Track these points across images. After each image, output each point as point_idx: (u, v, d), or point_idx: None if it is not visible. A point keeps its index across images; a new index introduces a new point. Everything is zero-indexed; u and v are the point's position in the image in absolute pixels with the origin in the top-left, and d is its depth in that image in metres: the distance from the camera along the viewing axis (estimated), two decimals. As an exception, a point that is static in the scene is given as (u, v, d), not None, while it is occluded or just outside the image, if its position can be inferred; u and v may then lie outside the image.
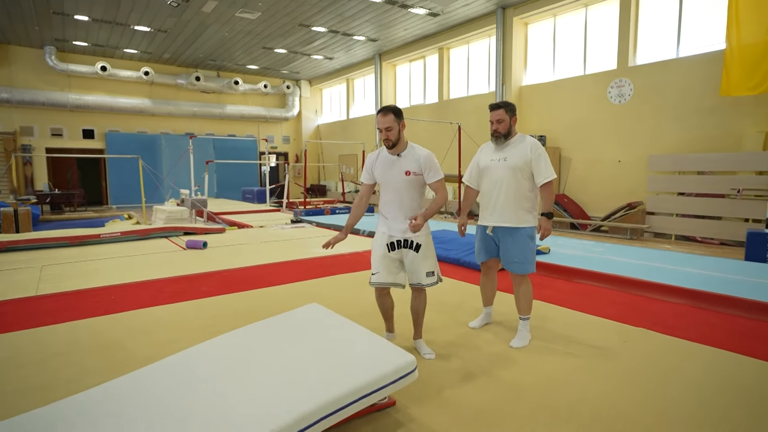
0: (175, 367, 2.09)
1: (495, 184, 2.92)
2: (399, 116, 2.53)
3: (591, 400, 2.21)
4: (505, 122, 2.93)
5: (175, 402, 1.80)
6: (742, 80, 6.57)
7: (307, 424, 1.63)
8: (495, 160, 2.95)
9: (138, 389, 1.93)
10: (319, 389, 1.77)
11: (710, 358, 2.71)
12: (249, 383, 1.87)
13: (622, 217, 8.21)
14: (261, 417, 1.62)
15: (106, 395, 1.90)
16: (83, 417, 1.75)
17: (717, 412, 2.09)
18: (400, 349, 2.08)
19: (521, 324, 2.99)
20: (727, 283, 4.06)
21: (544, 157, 2.84)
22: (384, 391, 1.87)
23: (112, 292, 4.20)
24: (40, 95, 13.36)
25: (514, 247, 2.88)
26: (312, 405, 1.67)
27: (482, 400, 2.21)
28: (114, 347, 2.92)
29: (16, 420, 1.78)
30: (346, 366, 1.92)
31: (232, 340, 2.31)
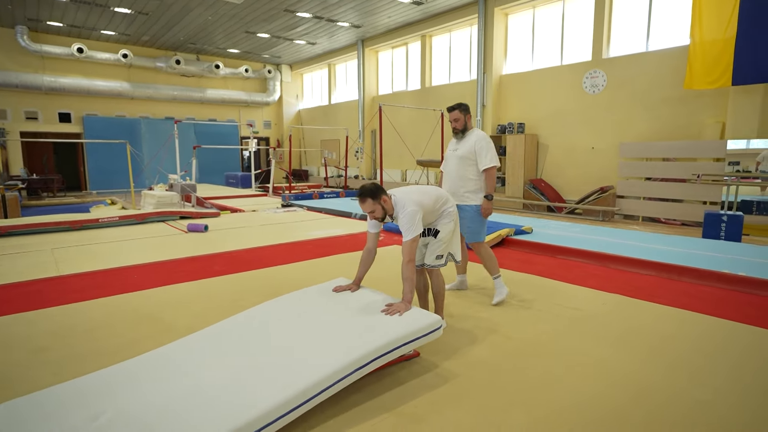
0: (233, 330, 2.43)
1: (449, 171, 3.55)
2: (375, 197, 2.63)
3: (577, 351, 2.69)
4: (461, 120, 3.48)
5: (248, 353, 2.15)
6: (703, 75, 7.19)
7: (359, 365, 2.03)
8: (451, 150, 3.56)
9: (208, 346, 2.27)
10: (365, 341, 2.16)
11: (681, 318, 3.23)
12: (306, 339, 2.24)
13: (595, 201, 8.84)
14: (323, 362, 2.00)
15: (172, 353, 2.23)
16: (151, 374, 2.07)
17: (692, 361, 2.60)
18: (426, 311, 2.49)
19: (495, 283, 3.53)
20: (689, 257, 4.64)
21: (486, 148, 3.39)
22: (416, 342, 2.27)
23: (132, 271, 4.44)
24: (12, 77, 12.94)
25: (464, 220, 3.46)
26: (364, 350, 2.06)
27: (489, 354, 2.64)
28: (152, 319, 3.21)
29: (88, 377, 2.07)
30: (385, 324, 2.31)
31: (276, 307, 2.66)
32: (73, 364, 2.52)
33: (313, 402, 1.86)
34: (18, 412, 1.80)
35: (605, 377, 2.35)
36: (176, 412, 1.75)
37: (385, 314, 2.41)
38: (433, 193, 2.85)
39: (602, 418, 1.99)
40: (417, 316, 2.39)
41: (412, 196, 2.69)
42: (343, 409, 2.05)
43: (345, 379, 1.97)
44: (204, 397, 1.82)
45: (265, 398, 1.77)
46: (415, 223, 2.58)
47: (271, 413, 1.72)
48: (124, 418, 1.74)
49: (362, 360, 2.03)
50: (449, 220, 2.87)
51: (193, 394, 1.85)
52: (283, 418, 1.76)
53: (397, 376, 2.36)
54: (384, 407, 2.07)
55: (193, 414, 1.72)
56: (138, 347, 2.71)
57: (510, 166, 10.49)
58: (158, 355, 2.22)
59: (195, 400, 1.81)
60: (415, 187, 2.86)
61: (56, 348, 2.73)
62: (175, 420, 1.70)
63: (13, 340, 2.83)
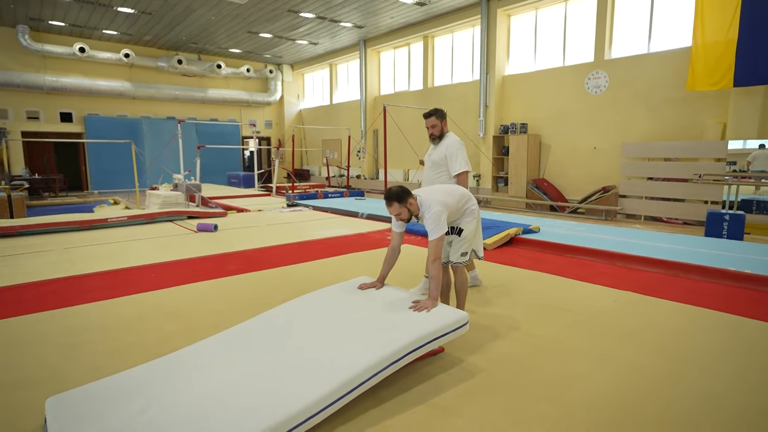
0: (265, 327, 2.50)
1: (425, 175, 3.67)
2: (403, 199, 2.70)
3: (594, 347, 2.77)
4: (438, 126, 3.49)
5: (283, 349, 2.23)
6: (706, 76, 7.30)
7: (393, 360, 2.11)
8: (428, 155, 3.63)
9: (242, 342, 2.34)
10: (396, 336, 2.23)
11: (689, 313, 3.33)
12: (339, 335, 2.32)
13: (598, 200, 8.95)
14: (358, 357, 2.08)
15: (208, 350, 2.31)
16: (191, 369, 2.14)
17: (701, 355, 2.69)
18: (452, 307, 2.57)
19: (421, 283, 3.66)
20: (693, 255, 4.75)
21: (457, 153, 3.40)
22: (445, 338, 2.35)
23: (149, 270, 4.50)
24: (14, 76, 12.93)
25: None
26: (397, 345, 2.14)
27: (512, 350, 2.72)
28: (177, 317, 3.28)
29: (132, 371, 2.14)
30: (414, 320, 2.39)
31: (304, 304, 2.73)
32: (111, 359, 2.59)
33: (352, 395, 1.94)
34: (70, 403, 1.86)
35: (622, 371, 2.44)
36: (221, 405, 1.82)
37: (413, 311, 2.49)
38: (457, 192, 2.92)
39: (622, 410, 2.07)
40: (445, 312, 2.47)
41: (436, 197, 2.76)
42: (377, 402, 2.12)
43: (380, 373, 2.05)
44: (246, 391, 1.89)
45: (306, 392, 1.84)
46: (440, 223, 2.65)
47: (315, 405, 1.80)
48: (171, 410, 1.81)
49: (396, 355, 2.11)
50: (472, 218, 2.94)
51: (235, 388, 1.92)
52: (325, 411, 1.83)
53: (425, 371, 2.44)
54: (416, 400, 2.15)
55: (239, 406, 1.80)
56: (170, 343, 2.77)
57: (513, 166, 10.59)
58: (195, 351, 2.29)
59: (238, 394, 1.88)
60: (440, 187, 2.94)
61: (90, 344, 2.79)
62: (221, 412, 1.77)
63: (44, 337, 2.89)
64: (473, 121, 11.84)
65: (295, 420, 1.72)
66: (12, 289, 3.91)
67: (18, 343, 2.81)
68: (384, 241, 6.07)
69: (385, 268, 2.90)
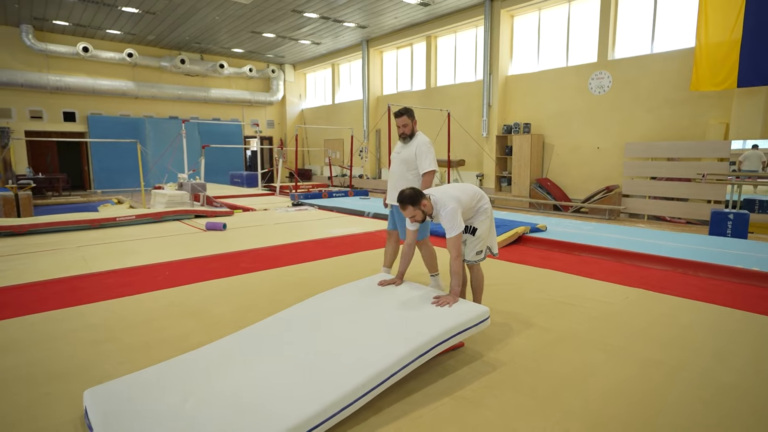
0: (291, 322, 2.56)
1: (392, 172, 3.65)
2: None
3: (609, 340, 2.84)
4: (409, 125, 3.53)
5: (313, 343, 2.28)
6: (709, 77, 7.38)
7: (420, 353, 2.17)
8: (396, 153, 3.63)
9: (271, 337, 2.40)
10: (421, 331, 2.29)
11: (699, 309, 3.39)
12: (365, 329, 2.38)
13: (601, 200, 9.03)
14: (387, 351, 2.14)
15: (238, 344, 2.36)
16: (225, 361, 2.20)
17: (713, 347, 2.76)
18: (473, 303, 2.63)
19: (432, 280, 3.59)
20: (698, 252, 4.82)
21: (426, 152, 3.46)
22: (468, 332, 2.41)
23: (164, 268, 4.55)
24: (18, 76, 12.94)
25: (404, 219, 3.56)
26: (423, 339, 2.20)
27: (530, 345, 2.78)
28: (199, 313, 3.33)
29: (166, 364, 2.20)
30: (437, 315, 2.45)
31: (328, 300, 2.79)
32: (136, 354, 2.64)
33: (383, 386, 1.99)
34: (108, 394, 1.92)
35: (638, 363, 2.50)
36: (258, 395, 1.87)
37: (435, 306, 2.55)
38: (470, 190, 2.96)
39: (643, 398, 2.14)
40: (466, 307, 2.53)
41: (450, 193, 2.81)
42: (404, 394, 2.18)
43: (409, 365, 2.11)
44: (282, 383, 1.95)
45: (340, 383, 1.90)
46: (457, 220, 2.69)
47: (349, 396, 1.85)
48: (209, 402, 1.86)
49: (423, 348, 2.17)
50: (485, 216, 2.99)
51: (271, 381, 1.98)
52: (358, 402, 1.89)
53: (447, 365, 2.50)
54: (442, 392, 2.21)
55: (277, 397, 1.85)
56: (192, 339, 2.83)
57: (516, 166, 10.66)
58: (224, 347, 2.34)
59: (274, 386, 1.93)
60: (453, 185, 2.99)
61: (114, 340, 2.84)
62: (260, 402, 1.83)
63: (69, 334, 2.94)
64: (476, 120, 11.91)
65: (331, 409, 1.78)
66: (32, 286, 3.96)
67: (45, 338, 2.86)
68: (392, 239, 6.13)
69: (403, 265, 2.96)
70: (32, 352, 2.66)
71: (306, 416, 1.71)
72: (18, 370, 2.45)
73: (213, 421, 1.73)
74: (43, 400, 2.15)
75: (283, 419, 1.70)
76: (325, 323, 2.48)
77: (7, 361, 2.55)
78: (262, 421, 1.70)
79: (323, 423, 1.75)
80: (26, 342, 2.80)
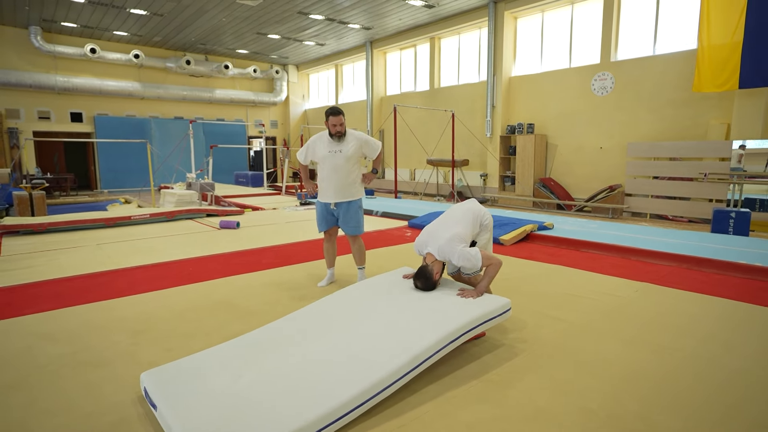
0: (328, 311, 2.72)
1: (333, 170, 3.73)
2: None
3: (623, 330, 3.00)
4: (344, 125, 3.75)
5: (350, 330, 2.45)
6: (711, 78, 7.56)
7: (452, 338, 2.33)
8: (333, 152, 3.73)
9: (309, 325, 2.56)
10: (451, 318, 2.45)
11: (705, 301, 3.56)
12: (397, 318, 2.54)
13: (604, 199, 9.20)
14: (422, 336, 2.30)
15: (288, 327, 2.52)
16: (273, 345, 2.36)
17: (723, 335, 2.93)
18: (496, 295, 2.80)
19: (360, 272, 3.92)
20: (702, 249, 4.99)
21: (369, 139, 3.81)
22: (493, 321, 2.57)
23: (187, 264, 4.70)
24: (26, 77, 13.08)
25: (351, 214, 3.81)
26: (453, 326, 2.36)
27: (547, 334, 2.94)
28: (230, 306, 3.48)
29: (219, 347, 2.36)
30: (464, 305, 2.61)
31: (357, 292, 2.95)
32: (179, 342, 2.79)
33: (420, 368, 2.16)
34: (165, 376, 2.07)
35: (652, 350, 2.66)
36: (308, 375, 2.03)
37: (460, 297, 2.71)
38: (470, 217, 2.98)
39: (658, 382, 2.30)
40: (490, 299, 2.69)
41: (449, 233, 2.80)
42: (435, 377, 2.34)
43: (442, 349, 2.27)
44: (331, 362, 2.11)
45: (382, 365, 2.06)
46: (472, 256, 2.71)
47: (391, 376, 2.01)
48: (264, 378, 2.02)
49: (454, 334, 2.33)
50: (486, 231, 3.12)
51: (319, 361, 2.14)
52: (401, 380, 2.05)
53: (472, 352, 2.66)
54: (471, 376, 2.37)
55: (326, 376, 2.01)
56: (230, 328, 2.99)
57: (520, 166, 10.83)
58: (267, 333, 2.50)
59: (323, 365, 2.10)
60: (454, 216, 3.01)
61: (154, 330, 3.00)
62: (309, 382, 1.98)
63: (110, 323, 3.09)
64: (480, 121, 12.08)
65: (374, 389, 1.94)
66: (63, 281, 4.10)
67: (88, 329, 3.01)
68: (402, 237, 6.29)
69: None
70: (76, 342, 2.80)
71: (353, 394, 1.87)
72: (66, 358, 2.59)
73: (264, 400, 1.88)
74: (98, 384, 2.30)
75: (331, 397, 1.86)
76: (358, 313, 2.64)
77: (54, 350, 2.70)
78: (312, 399, 1.86)
79: (371, 399, 1.91)
80: (68, 333, 2.95)
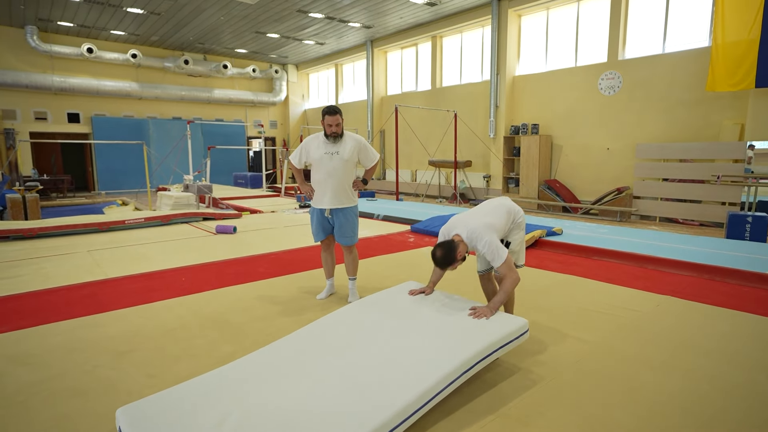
0: (323, 334, 2.47)
1: (328, 173, 3.44)
2: None
3: (648, 352, 2.75)
4: (340, 125, 3.47)
5: (353, 355, 2.20)
6: (726, 77, 7.29)
7: (466, 368, 2.08)
8: (329, 153, 3.44)
9: (308, 349, 2.31)
10: (465, 344, 2.20)
11: (732, 317, 3.31)
12: (405, 342, 2.29)
13: (611, 201, 8.95)
14: (433, 366, 2.05)
15: (278, 355, 2.27)
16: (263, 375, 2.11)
17: (750, 355, 2.67)
18: (511, 315, 2.55)
19: (351, 283, 3.67)
20: (718, 257, 4.73)
21: (368, 146, 3.56)
22: (510, 345, 2.32)
23: (179, 273, 4.46)
24: (22, 77, 12.85)
25: (347, 223, 3.53)
26: (468, 353, 2.12)
27: (568, 356, 2.70)
28: (220, 322, 3.24)
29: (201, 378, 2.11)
30: (479, 327, 2.36)
31: (360, 310, 2.70)
32: (162, 367, 2.55)
33: (431, 404, 1.91)
34: (143, 414, 1.83)
35: (686, 378, 2.41)
36: (299, 416, 1.79)
37: (472, 318, 2.46)
38: (503, 211, 2.80)
39: (697, 416, 2.05)
40: (505, 319, 2.44)
41: (483, 221, 2.65)
42: (447, 411, 2.09)
43: (456, 381, 2.02)
44: (325, 400, 1.86)
45: (389, 402, 1.81)
46: (498, 248, 2.55)
47: (399, 415, 1.77)
48: (253, 418, 1.77)
49: (469, 363, 2.08)
50: (519, 230, 2.90)
51: (313, 397, 1.89)
52: (408, 420, 1.81)
53: (486, 378, 2.41)
54: (487, 410, 2.12)
55: (321, 416, 1.76)
56: (220, 350, 2.75)
57: (524, 167, 10.58)
58: (256, 361, 2.25)
59: (316, 403, 1.85)
60: (483, 208, 2.84)
61: (139, 350, 2.75)
62: (301, 424, 1.74)
63: (91, 344, 2.85)
64: (483, 121, 11.82)
65: (384, 428, 1.69)
66: (46, 293, 3.87)
67: (64, 351, 2.77)
68: (405, 243, 6.04)
69: (436, 276, 2.87)
70: (52, 367, 2.56)
71: (355, 439, 1.63)
72: (38, 386, 2.35)
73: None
74: (68, 419, 2.06)
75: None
76: (362, 335, 2.39)
77: (26, 376, 2.45)
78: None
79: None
80: (44, 355, 2.71)
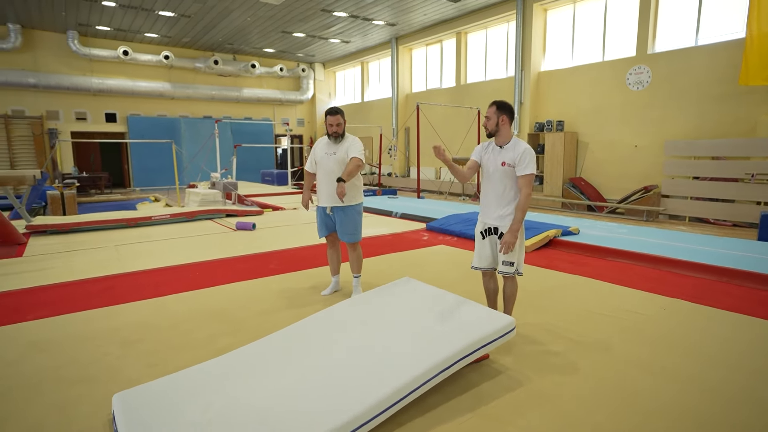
0: (311, 330, 2.56)
1: (327, 173, 3.52)
2: (502, 110, 2.80)
3: (646, 355, 2.69)
4: (342, 125, 3.52)
5: (336, 352, 2.27)
6: (761, 69, 6.90)
7: (446, 366, 2.12)
8: (328, 154, 3.54)
9: (294, 345, 2.40)
10: (448, 341, 2.24)
11: (736, 322, 3.18)
12: (390, 339, 2.34)
13: (638, 200, 8.64)
14: (412, 362, 2.09)
15: (269, 348, 2.38)
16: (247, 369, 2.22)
17: (751, 361, 2.58)
18: (499, 312, 2.55)
19: (355, 281, 3.73)
20: (746, 260, 4.52)
21: (355, 145, 3.52)
22: (495, 344, 2.34)
23: (195, 269, 4.67)
24: (64, 79, 13.61)
25: (348, 221, 3.56)
26: (449, 351, 2.15)
27: (559, 358, 2.67)
28: (223, 316, 3.39)
29: (194, 369, 2.24)
30: (464, 324, 2.39)
31: (351, 307, 2.77)
32: (164, 356, 2.70)
33: (407, 400, 1.96)
34: (136, 400, 1.96)
35: (681, 383, 2.35)
36: (279, 407, 1.87)
37: (501, 253, 2.75)
38: None
39: (682, 422, 2.00)
40: (493, 317, 2.45)
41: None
42: (425, 409, 2.13)
43: (434, 378, 2.06)
44: (303, 395, 1.94)
45: (362, 397, 1.87)
46: (533, 162, 2.71)
47: (372, 410, 1.83)
48: (231, 411, 1.87)
49: (449, 361, 2.12)
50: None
51: (292, 392, 1.98)
52: (381, 415, 1.86)
53: (470, 378, 2.43)
54: (465, 408, 2.15)
55: (297, 410, 1.84)
56: (218, 343, 2.88)
57: (548, 165, 10.36)
58: (246, 354, 2.36)
59: (297, 397, 1.93)
60: None
61: (147, 341, 2.93)
62: (280, 415, 1.82)
63: (100, 335, 3.05)
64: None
65: (353, 424, 1.75)
66: (70, 285, 4.14)
67: (77, 339, 2.97)
68: (419, 241, 6.07)
69: (459, 164, 3.02)
70: (64, 353, 2.76)
71: (328, 430, 1.70)
72: (51, 371, 2.54)
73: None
74: (73, 403, 2.23)
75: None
76: (348, 331, 2.46)
77: (42, 361, 2.66)
78: (281, 435, 1.70)
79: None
80: (61, 343, 2.92)
